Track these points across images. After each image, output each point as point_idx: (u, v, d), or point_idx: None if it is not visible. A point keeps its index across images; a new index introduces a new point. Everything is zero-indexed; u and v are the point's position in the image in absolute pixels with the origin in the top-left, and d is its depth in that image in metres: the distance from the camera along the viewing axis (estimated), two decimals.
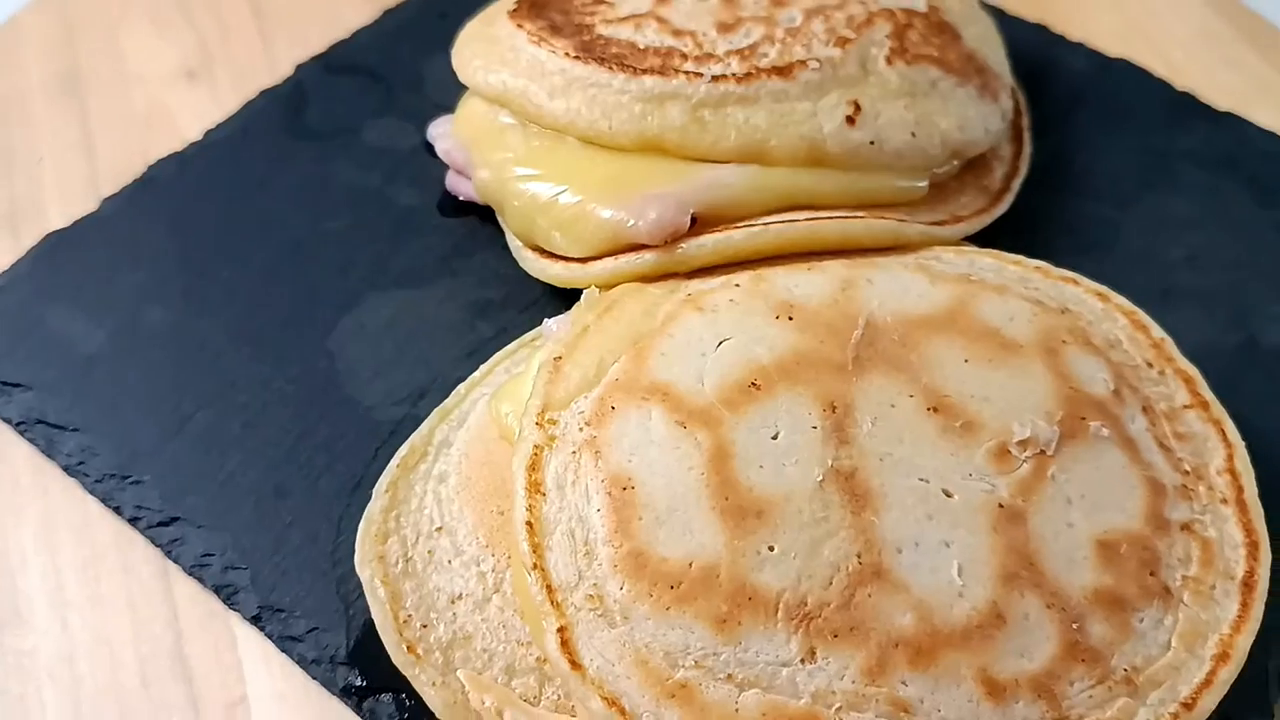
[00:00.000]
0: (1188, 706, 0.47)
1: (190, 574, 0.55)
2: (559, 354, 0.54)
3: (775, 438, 0.50)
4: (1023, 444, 0.50)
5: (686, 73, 0.61)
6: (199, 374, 0.61)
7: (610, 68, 0.61)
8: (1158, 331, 0.58)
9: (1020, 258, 0.61)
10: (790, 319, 0.54)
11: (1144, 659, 0.48)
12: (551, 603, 0.47)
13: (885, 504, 0.48)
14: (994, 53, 0.71)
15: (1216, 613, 0.49)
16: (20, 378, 0.60)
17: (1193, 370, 0.56)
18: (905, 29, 0.66)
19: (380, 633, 0.50)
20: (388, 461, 0.56)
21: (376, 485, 0.55)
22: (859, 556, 0.47)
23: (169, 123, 0.77)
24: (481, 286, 0.65)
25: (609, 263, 0.59)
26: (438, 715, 0.49)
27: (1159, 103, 0.79)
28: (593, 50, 0.63)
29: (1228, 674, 0.48)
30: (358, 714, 0.51)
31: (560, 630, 0.46)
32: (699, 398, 0.51)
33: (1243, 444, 0.54)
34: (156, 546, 0.56)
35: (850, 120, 0.61)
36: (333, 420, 0.59)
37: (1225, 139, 0.76)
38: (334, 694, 0.52)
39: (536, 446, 0.51)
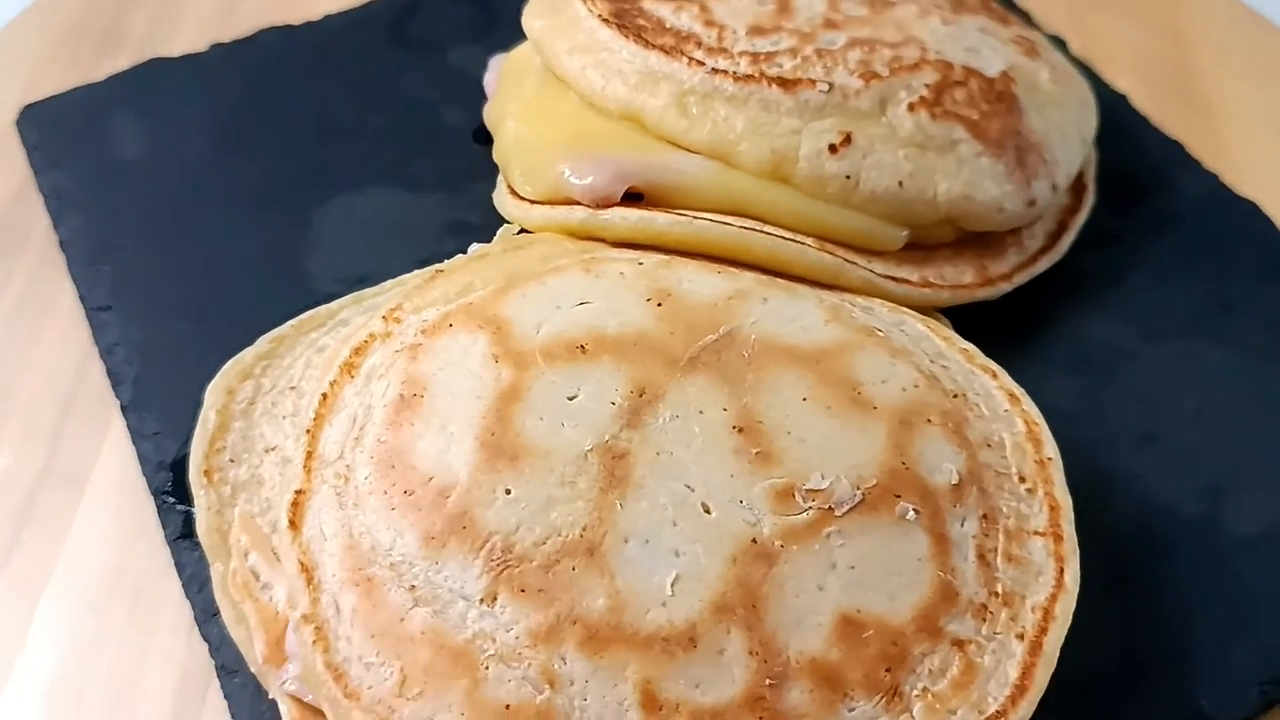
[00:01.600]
0: None
1: (101, 356, 0.62)
2: (442, 269, 0.57)
3: (572, 399, 0.50)
4: (812, 493, 0.48)
5: (691, 59, 0.61)
6: (199, 202, 0.68)
7: (626, 36, 0.63)
8: (1049, 450, 0.53)
9: (952, 334, 0.58)
10: (659, 305, 0.54)
11: None
12: (305, 468, 0.50)
13: (637, 494, 0.47)
14: (1066, 143, 0.67)
15: None
16: (64, 159, 0.70)
17: (1065, 501, 0.52)
18: (952, 85, 0.64)
19: (191, 451, 0.55)
20: None
21: (266, 334, 0.59)
22: (583, 530, 0.47)
23: (307, 1, 0.85)
24: (467, 209, 0.69)
25: (546, 210, 0.61)
26: (199, 536, 0.53)
27: (1261, 254, 0.71)
28: (622, 18, 0.64)
29: None
30: (157, 514, 0.56)
31: (299, 492, 0.49)
32: (527, 341, 0.52)
33: (1075, 591, 0.49)
34: (90, 326, 0.63)
35: (833, 149, 0.60)
36: (278, 277, 0.65)
37: None
38: (150, 492, 0.57)
39: (372, 335, 0.54)
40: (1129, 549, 0.58)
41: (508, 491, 0.47)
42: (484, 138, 0.73)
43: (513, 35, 0.78)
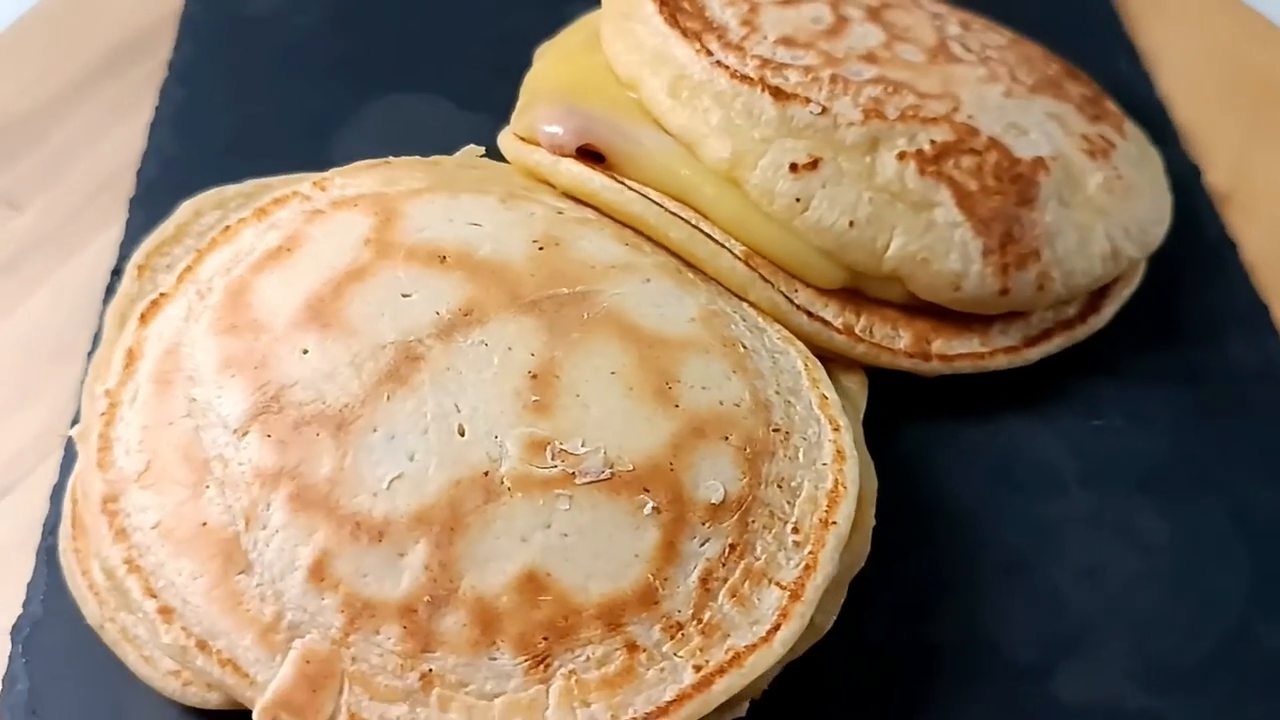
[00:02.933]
0: None
1: (140, 160, 0.71)
2: (391, 161, 0.61)
3: (406, 296, 0.53)
4: (564, 454, 0.48)
5: (704, 48, 0.62)
6: (280, 60, 0.77)
7: (661, 15, 0.64)
8: (838, 516, 0.50)
9: (820, 377, 0.56)
10: (540, 249, 0.56)
11: (458, 680, 0.45)
12: (179, 278, 0.56)
13: (407, 394, 0.50)
14: (1082, 251, 0.61)
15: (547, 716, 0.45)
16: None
17: (825, 569, 0.49)
18: (964, 150, 0.61)
19: (147, 240, 0.61)
20: None
21: (258, 180, 0.66)
22: (345, 407, 0.49)
23: None
24: (499, 130, 0.72)
25: (517, 145, 0.63)
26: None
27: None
28: (670, 2, 0.65)
29: None
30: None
31: (163, 295, 0.55)
32: (401, 237, 0.55)
33: (778, 653, 0.47)
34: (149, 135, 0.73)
35: (795, 168, 0.59)
36: (306, 147, 0.72)
37: None
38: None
39: (295, 193, 0.59)
40: (935, 666, 0.54)
41: (305, 351, 0.51)
42: None
43: None
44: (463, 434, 0.49)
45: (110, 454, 0.50)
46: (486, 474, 0.48)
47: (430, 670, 0.45)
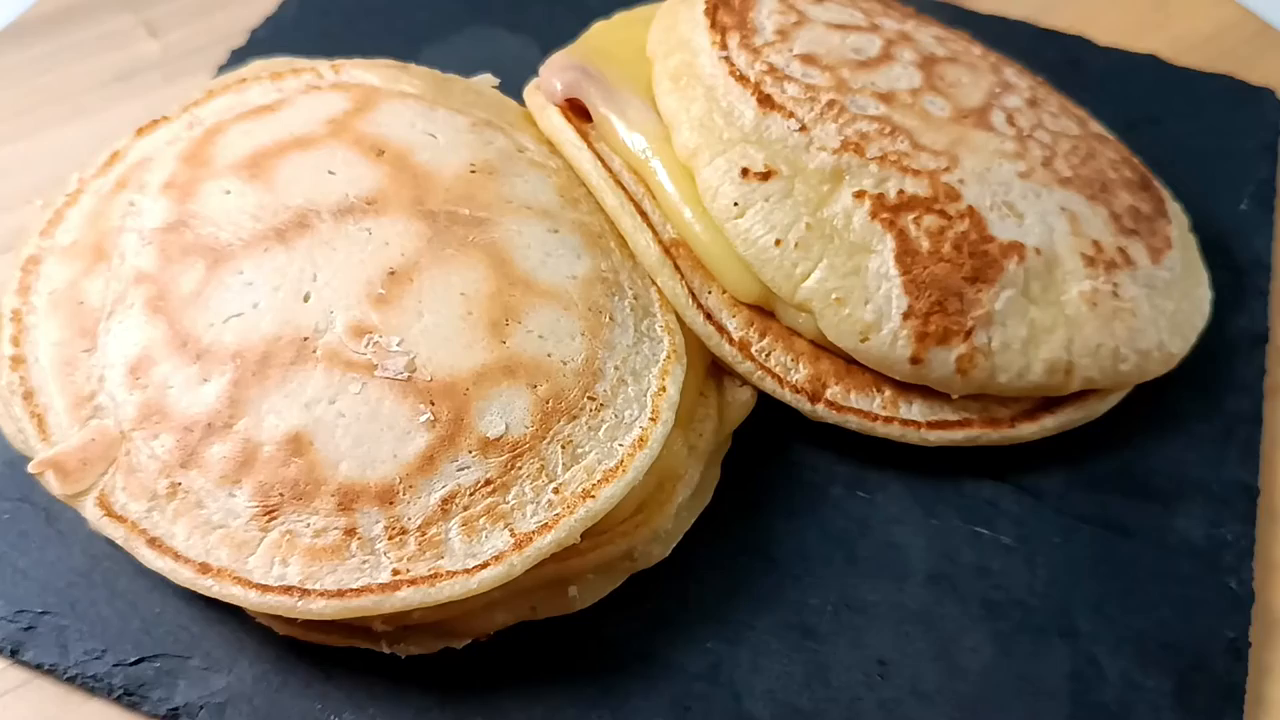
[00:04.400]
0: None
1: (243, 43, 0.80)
2: (409, 67, 0.66)
3: (330, 174, 0.57)
4: (376, 346, 0.52)
5: (721, 43, 0.62)
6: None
7: (707, 7, 0.65)
8: (600, 495, 0.50)
9: (670, 372, 0.55)
10: (472, 172, 0.59)
11: (195, 499, 0.49)
12: (184, 108, 0.63)
13: (278, 253, 0.54)
14: (1025, 354, 0.58)
15: (271, 571, 0.48)
16: None
17: (557, 535, 0.49)
18: (933, 212, 0.58)
19: (213, 81, 0.70)
20: None
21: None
22: (226, 245, 0.54)
23: None
24: None
25: (532, 90, 0.66)
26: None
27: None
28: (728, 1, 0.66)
29: None
30: None
31: (163, 118, 0.63)
32: (360, 126, 0.60)
33: (471, 590, 0.48)
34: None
35: (745, 173, 0.58)
36: (393, 41, 0.78)
37: None
38: None
39: (313, 68, 0.65)
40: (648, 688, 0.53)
41: (227, 192, 0.57)
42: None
43: None
44: (307, 300, 0.53)
45: (56, 227, 0.58)
46: (306, 339, 0.52)
47: (179, 484, 0.50)
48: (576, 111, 0.64)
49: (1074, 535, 0.58)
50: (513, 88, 0.69)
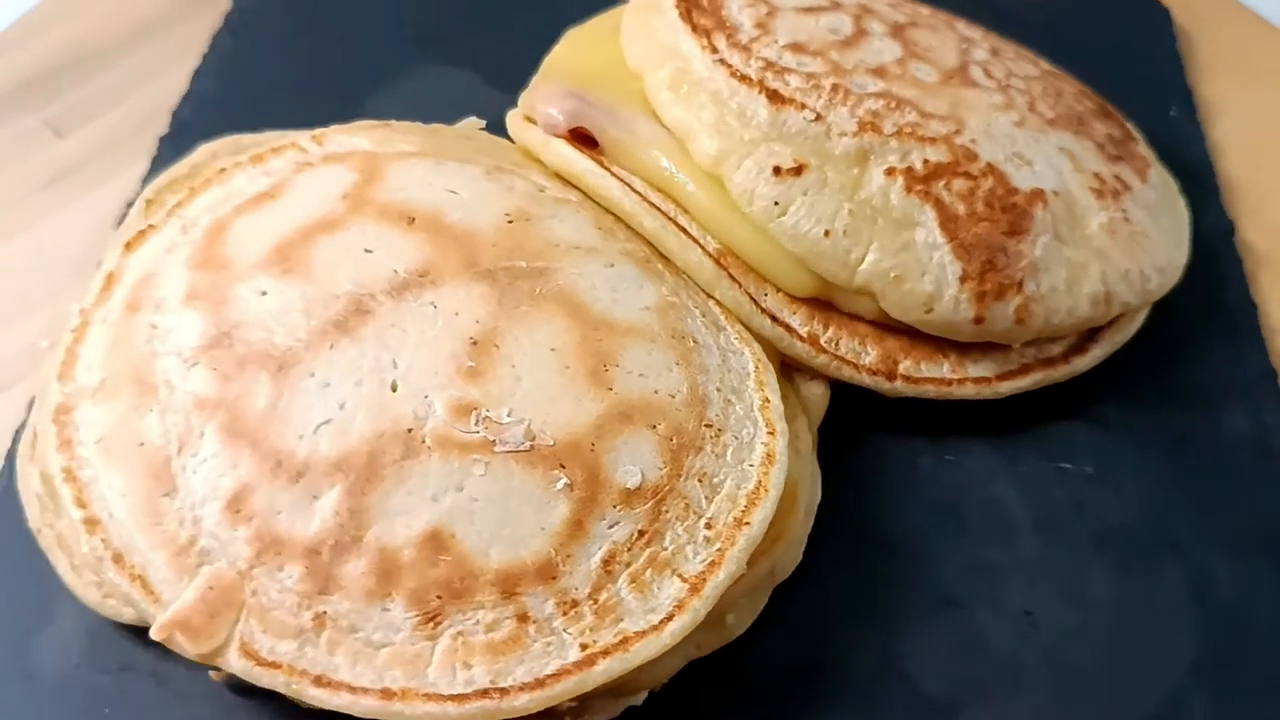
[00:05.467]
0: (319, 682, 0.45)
1: (180, 101, 0.75)
2: (391, 124, 0.63)
3: (368, 251, 0.54)
4: (487, 421, 0.49)
5: (711, 45, 0.62)
6: (338, 25, 0.79)
7: (679, 10, 0.64)
8: (753, 518, 0.50)
9: (767, 380, 0.55)
10: (510, 222, 0.57)
11: (349, 626, 0.46)
12: (170, 213, 0.58)
13: (350, 348, 0.51)
14: (1070, 291, 0.60)
15: (440, 682, 0.46)
16: None
17: (731, 569, 0.49)
18: (958, 174, 0.60)
19: (160, 177, 0.64)
20: None
21: (278, 131, 0.68)
22: (289, 350, 0.51)
23: None
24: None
25: (521, 124, 0.64)
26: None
27: (1256, 529, 0.59)
28: (689, 0, 0.66)
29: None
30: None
31: (150, 226, 0.58)
32: (377, 195, 0.57)
33: (664, 644, 0.47)
34: (194, 77, 0.76)
35: (777, 171, 0.58)
36: (340, 106, 0.73)
37: None
38: None
39: (293, 144, 0.61)
40: (845, 690, 0.53)
41: (264, 292, 0.53)
42: None
43: None
44: (395, 389, 0.50)
45: (73, 368, 0.53)
46: (410, 430, 0.49)
47: (324, 612, 0.46)
48: (579, 140, 0.63)
49: (1145, 453, 0.62)
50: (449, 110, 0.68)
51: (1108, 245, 0.62)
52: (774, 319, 0.59)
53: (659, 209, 0.60)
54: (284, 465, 0.48)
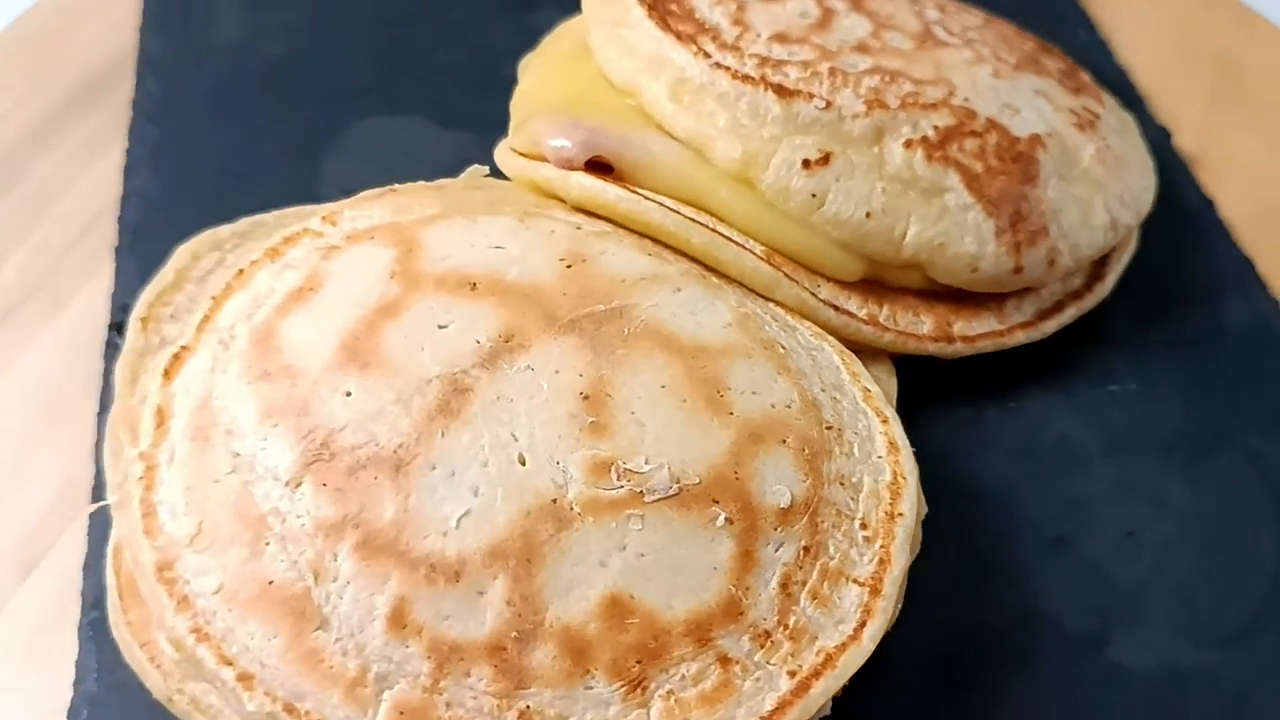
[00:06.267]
0: None
1: (120, 204, 0.69)
2: (397, 189, 0.60)
3: (442, 328, 0.52)
4: (630, 474, 0.48)
5: (700, 50, 0.62)
6: (257, 93, 0.75)
7: (652, 19, 0.64)
8: (903, 506, 0.51)
9: (860, 371, 0.56)
10: (569, 267, 0.55)
11: (556, 714, 0.45)
12: (198, 329, 0.54)
13: (462, 428, 0.49)
14: (1086, 224, 0.63)
15: None
16: (169, 34, 0.78)
17: (899, 560, 0.50)
18: (966, 134, 0.61)
19: (143, 293, 0.59)
20: None
21: (252, 217, 0.64)
22: (400, 447, 0.48)
23: None
24: (489, 154, 0.71)
25: (522, 162, 0.62)
26: (116, 370, 0.57)
27: None
28: (659, 5, 0.65)
29: None
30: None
31: (184, 348, 0.53)
32: (427, 266, 0.54)
33: (869, 650, 0.47)
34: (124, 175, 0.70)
35: (807, 164, 0.59)
36: (295, 175, 0.70)
37: None
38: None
39: (306, 229, 0.57)
40: (996, 645, 0.55)
41: (348, 394, 0.50)
42: None
43: None
44: (523, 463, 0.48)
45: (156, 520, 0.49)
46: (554, 501, 0.47)
47: (528, 707, 0.44)
48: (592, 169, 0.61)
49: (1179, 362, 0.66)
50: (430, 172, 0.66)
51: (1101, 175, 0.65)
52: (835, 308, 0.59)
53: (701, 223, 0.59)
54: (438, 568, 0.46)
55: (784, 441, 0.51)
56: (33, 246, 0.68)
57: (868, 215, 0.59)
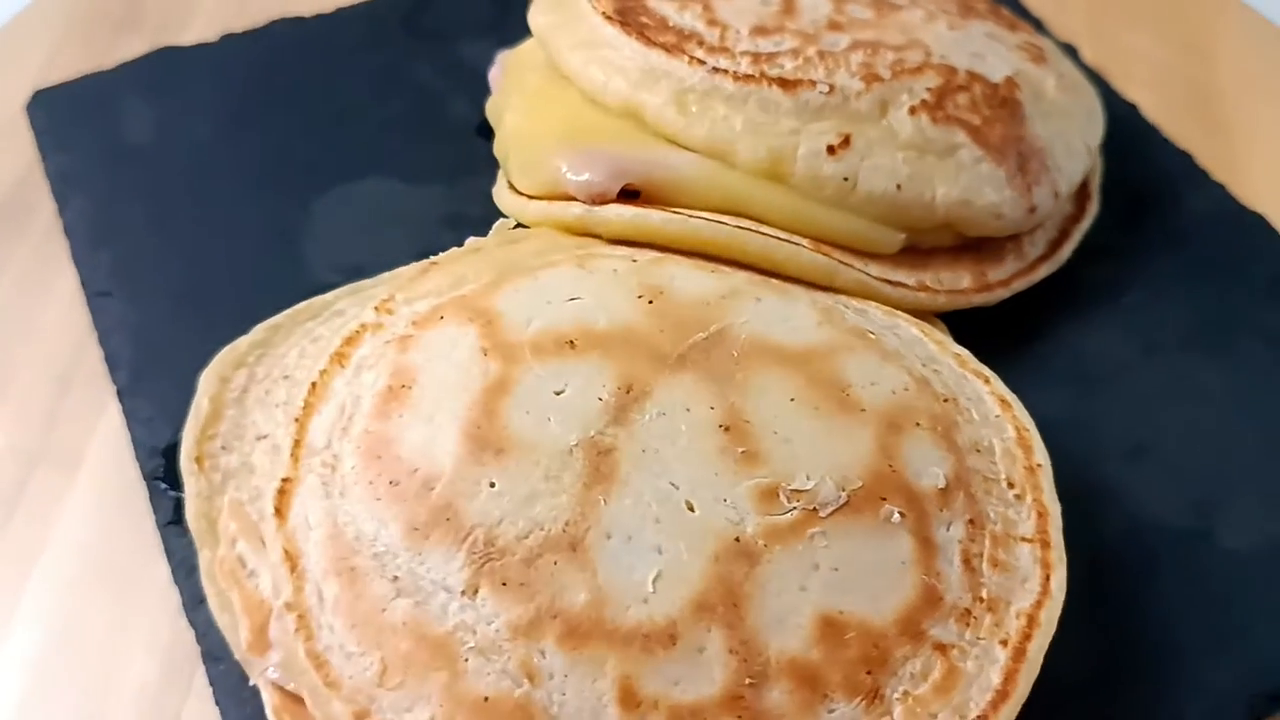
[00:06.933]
0: None
1: (100, 339, 0.62)
2: (437, 261, 0.57)
3: (559, 394, 0.50)
4: (797, 493, 0.48)
5: (693, 57, 0.61)
6: (200, 190, 0.69)
7: (629, 34, 0.63)
8: (1039, 456, 0.53)
9: (946, 339, 0.58)
10: (650, 302, 0.54)
11: None
12: (293, 456, 0.50)
13: (622, 491, 0.47)
14: (1070, 151, 0.66)
15: None
16: (73, 144, 0.71)
17: (1053, 508, 0.51)
18: (956, 90, 0.63)
19: (183, 437, 0.55)
20: None
21: (262, 323, 0.60)
22: (566, 525, 0.47)
23: None
24: (466, 202, 0.69)
25: (543, 205, 0.61)
26: (188, 521, 0.53)
27: (1266, 269, 0.70)
28: (626, 15, 0.64)
29: None
30: (149, 499, 0.57)
31: (285, 480, 0.49)
32: (516, 335, 0.52)
33: (1061, 599, 0.49)
34: (89, 311, 0.64)
35: (831, 150, 0.60)
36: (277, 265, 0.65)
37: None
38: (142, 475, 0.57)
39: (363, 325, 0.54)
40: (1117, 560, 0.58)
41: (492, 485, 0.47)
42: (488, 131, 0.73)
43: (524, 30, 0.78)
44: (692, 509, 0.47)
45: (331, 670, 0.45)
46: (737, 540, 0.47)
47: None
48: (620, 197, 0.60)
49: (1169, 261, 0.70)
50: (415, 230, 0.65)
51: (1066, 103, 0.69)
52: (891, 283, 0.61)
53: (749, 228, 0.59)
54: (651, 637, 0.45)
55: (918, 424, 0.51)
56: (13, 409, 0.61)
57: (899, 187, 0.60)
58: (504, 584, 0.46)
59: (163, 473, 0.57)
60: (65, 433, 0.60)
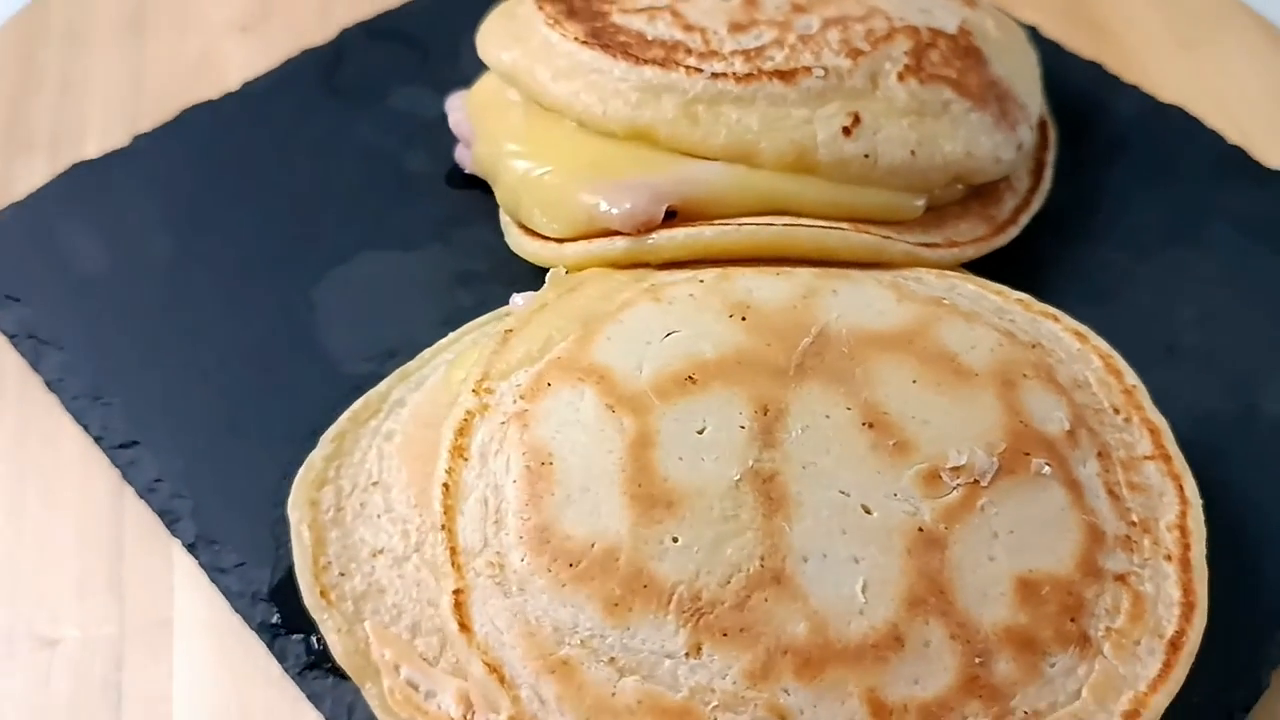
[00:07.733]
0: None
1: (141, 496, 0.57)
2: (511, 327, 0.55)
3: (701, 432, 0.49)
4: (956, 470, 0.49)
5: (687, 67, 0.61)
6: (186, 307, 0.63)
7: (614, 55, 0.62)
8: (1130, 378, 0.56)
9: (1003, 288, 0.60)
10: (743, 319, 0.54)
11: (1048, 704, 0.46)
12: (454, 564, 0.48)
13: (800, 512, 0.48)
14: (1025, 84, 0.70)
15: (1136, 669, 0.47)
16: (20, 292, 0.63)
17: (1160, 421, 0.55)
18: (926, 48, 0.65)
19: (298, 575, 0.51)
20: None
21: (325, 434, 0.56)
22: (762, 560, 0.46)
23: (217, 71, 0.80)
24: (470, 257, 0.66)
25: (582, 245, 0.59)
26: (339, 661, 0.50)
27: (1205, 155, 0.76)
28: (601, 37, 0.63)
29: None
30: (270, 650, 0.52)
31: (456, 592, 0.47)
32: (634, 384, 0.51)
33: (1199, 503, 0.52)
34: (115, 466, 0.58)
35: (847, 131, 0.61)
36: (301, 367, 0.61)
37: (1268, 200, 0.73)
38: (251, 628, 0.53)
39: (469, 412, 0.52)
40: (1190, 460, 0.61)
41: (675, 540, 0.47)
42: (460, 180, 0.70)
43: (450, 72, 0.76)
44: (869, 512, 0.48)
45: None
46: (920, 530, 0.48)
47: (1026, 713, 0.46)
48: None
49: (1134, 174, 0.74)
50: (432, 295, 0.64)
51: (1008, 41, 0.72)
52: (927, 246, 0.62)
53: (795, 223, 0.59)
54: (880, 645, 0.45)
55: (1025, 376, 0.54)
56: (70, 593, 0.55)
57: (913, 153, 0.62)
58: (724, 634, 0.45)
59: (277, 618, 0.52)
60: (141, 604, 0.55)
